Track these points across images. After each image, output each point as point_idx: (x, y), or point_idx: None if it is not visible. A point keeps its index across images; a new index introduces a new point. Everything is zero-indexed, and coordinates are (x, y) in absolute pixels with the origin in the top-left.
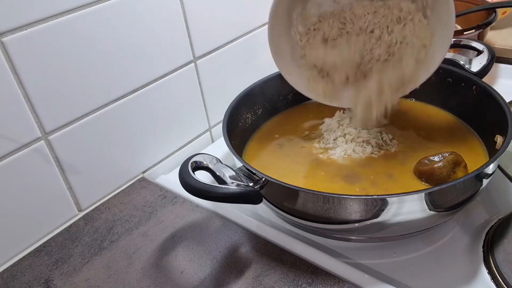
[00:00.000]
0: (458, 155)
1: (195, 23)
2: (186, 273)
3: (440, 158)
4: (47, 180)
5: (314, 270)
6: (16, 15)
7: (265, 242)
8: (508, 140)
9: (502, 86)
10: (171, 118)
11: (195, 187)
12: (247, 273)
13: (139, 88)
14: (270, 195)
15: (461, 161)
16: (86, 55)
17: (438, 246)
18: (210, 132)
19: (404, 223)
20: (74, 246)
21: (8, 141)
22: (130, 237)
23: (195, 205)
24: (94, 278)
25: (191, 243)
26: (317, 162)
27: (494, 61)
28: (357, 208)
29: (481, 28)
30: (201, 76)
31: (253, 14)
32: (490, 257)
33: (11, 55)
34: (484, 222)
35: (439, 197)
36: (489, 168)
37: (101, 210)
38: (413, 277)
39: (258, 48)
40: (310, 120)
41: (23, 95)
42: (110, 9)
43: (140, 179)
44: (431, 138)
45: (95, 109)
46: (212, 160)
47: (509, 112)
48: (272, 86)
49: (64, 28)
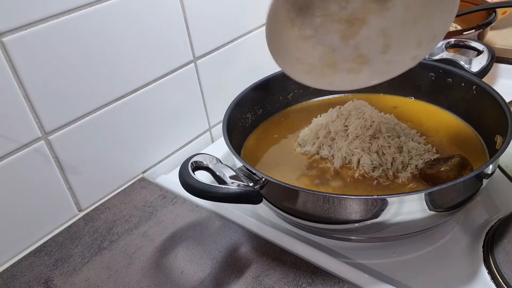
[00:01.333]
0: (464, 158)
1: (195, 23)
2: (186, 273)
3: (446, 161)
4: (47, 180)
5: (314, 270)
6: (16, 15)
7: (265, 242)
8: (508, 140)
9: (502, 86)
10: (171, 118)
11: (195, 187)
12: (247, 273)
13: (139, 88)
14: (270, 195)
15: (467, 164)
16: (86, 55)
17: (438, 246)
18: (210, 132)
19: (404, 223)
20: (74, 246)
21: (8, 141)
22: (130, 237)
23: (195, 205)
24: (94, 278)
25: (191, 243)
26: (317, 162)
27: (494, 61)
28: (357, 208)
29: (481, 28)
30: (201, 76)
31: (253, 14)
32: (490, 257)
33: (11, 55)
34: (484, 222)
35: (439, 197)
36: (489, 168)
37: (101, 210)
38: (413, 277)
39: (258, 48)
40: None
41: (23, 95)
42: (110, 9)
43: (140, 179)
44: (432, 137)
45: (95, 109)
46: (212, 160)
47: (509, 112)
48: (272, 86)
49: (64, 28)
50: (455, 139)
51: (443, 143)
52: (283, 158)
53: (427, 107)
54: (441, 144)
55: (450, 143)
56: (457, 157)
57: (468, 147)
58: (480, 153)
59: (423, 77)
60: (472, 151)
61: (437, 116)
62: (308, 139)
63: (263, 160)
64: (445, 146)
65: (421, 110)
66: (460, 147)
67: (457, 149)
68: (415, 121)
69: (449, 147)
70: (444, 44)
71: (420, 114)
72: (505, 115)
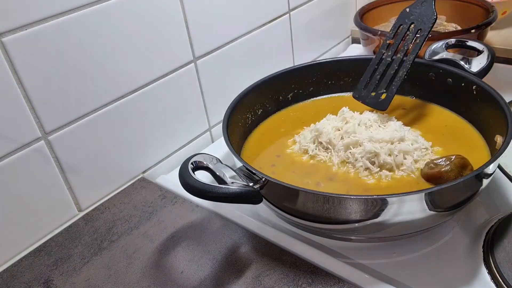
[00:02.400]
0: (464, 158)
1: (195, 23)
2: (186, 273)
3: (446, 162)
4: (47, 180)
5: (314, 270)
6: (16, 15)
7: (265, 242)
8: (508, 140)
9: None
10: (171, 118)
11: (195, 187)
12: (247, 273)
13: (139, 88)
14: (270, 195)
15: (467, 164)
16: (86, 55)
17: (438, 246)
18: (210, 132)
19: (404, 223)
20: (74, 246)
21: (8, 141)
22: (130, 237)
23: (195, 205)
24: (94, 278)
25: (191, 243)
26: (316, 162)
27: (494, 61)
28: (357, 208)
29: (481, 28)
30: (201, 76)
31: (253, 14)
32: (490, 257)
33: (11, 55)
34: (484, 222)
35: (439, 197)
36: (489, 168)
37: (101, 210)
38: (413, 277)
39: (258, 48)
40: (311, 120)
41: (23, 95)
42: (110, 9)
43: (140, 179)
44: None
45: (95, 109)
46: (212, 160)
47: (509, 112)
48: (272, 86)
49: (64, 28)
50: (456, 138)
51: (445, 142)
52: (283, 158)
53: (429, 106)
54: (442, 143)
55: (451, 143)
56: (457, 157)
57: (471, 146)
58: (483, 152)
59: (423, 77)
60: (475, 150)
61: (437, 116)
62: (306, 142)
63: (263, 160)
64: (446, 145)
65: (422, 108)
66: (463, 147)
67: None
68: (416, 120)
69: (451, 145)
70: (444, 44)
71: (422, 112)
72: (505, 115)
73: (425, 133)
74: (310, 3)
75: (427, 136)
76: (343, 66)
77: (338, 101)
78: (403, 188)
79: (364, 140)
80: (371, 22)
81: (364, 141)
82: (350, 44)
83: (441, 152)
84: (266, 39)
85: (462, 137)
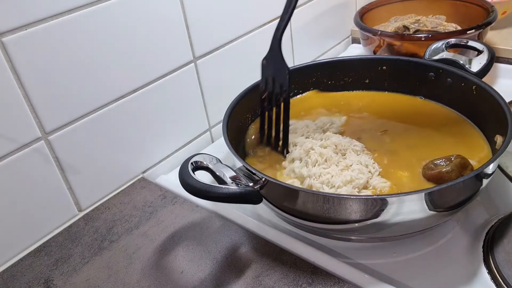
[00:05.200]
0: (464, 158)
1: (195, 23)
2: (186, 273)
3: (446, 162)
4: (47, 180)
5: (314, 270)
6: (16, 15)
7: (265, 242)
8: (508, 140)
9: (502, 86)
10: (171, 118)
11: (195, 187)
12: (247, 273)
13: (139, 88)
14: (270, 195)
15: (468, 164)
16: (86, 55)
17: (438, 246)
18: (210, 132)
19: (404, 223)
20: (74, 246)
21: (8, 141)
22: (130, 237)
23: (195, 205)
24: (94, 278)
25: (191, 243)
26: None
27: (494, 61)
28: (357, 208)
29: (481, 28)
30: (201, 76)
31: (253, 14)
32: (490, 257)
33: (11, 55)
34: (484, 222)
35: (439, 197)
36: (489, 168)
37: (101, 210)
38: (413, 277)
39: (258, 48)
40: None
41: (23, 95)
42: (110, 9)
43: (140, 179)
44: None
45: (95, 109)
46: (212, 160)
47: (509, 112)
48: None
49: (64, 28)
50: (456, 138)
51: (446, 141)
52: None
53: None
54: (442, 143)
55: (451, 143)
56: (457, 157)
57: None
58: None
59: (423, 77)
60: (477, 149)
61: (437, 115)
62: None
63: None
64: (446, 145)
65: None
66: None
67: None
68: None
69: (449, 146)
70: (444, 44)
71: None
72: (505, 115)
73: (425, 132)
74: (310, 3)
75: (427, 136)
76: (343, 66)
77: (339, 101)
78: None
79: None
80: (371, 22)
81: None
82: (350, 44)
83: (441, 152)
84: (266, 39)
85: (462, 137)
